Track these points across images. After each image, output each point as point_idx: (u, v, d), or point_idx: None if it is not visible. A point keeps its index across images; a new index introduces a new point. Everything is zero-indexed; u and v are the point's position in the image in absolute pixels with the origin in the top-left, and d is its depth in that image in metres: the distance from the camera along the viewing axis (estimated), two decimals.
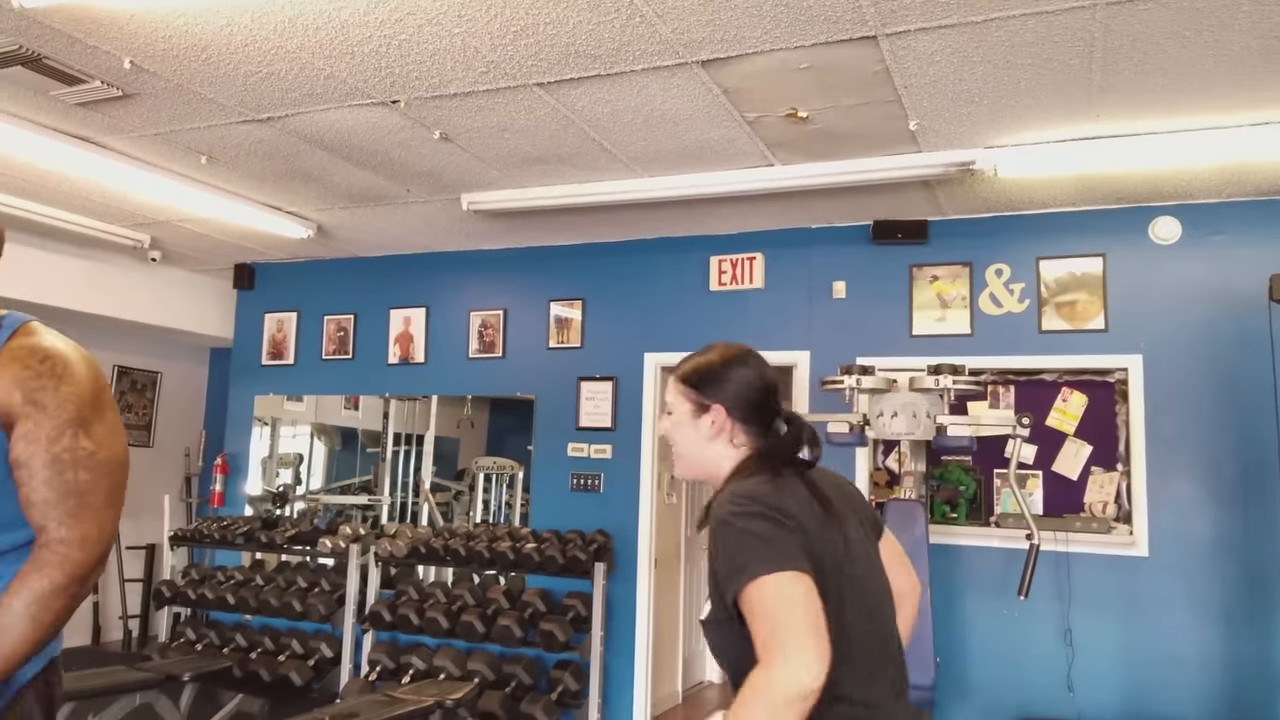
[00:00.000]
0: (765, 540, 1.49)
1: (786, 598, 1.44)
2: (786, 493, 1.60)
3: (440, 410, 6.67)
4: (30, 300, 6.09)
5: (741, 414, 1.73)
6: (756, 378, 1.76)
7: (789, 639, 1.40)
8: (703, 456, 1.75)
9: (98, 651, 7.04)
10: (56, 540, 1.52)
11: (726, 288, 5.58)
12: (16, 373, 1.56)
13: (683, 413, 1.77)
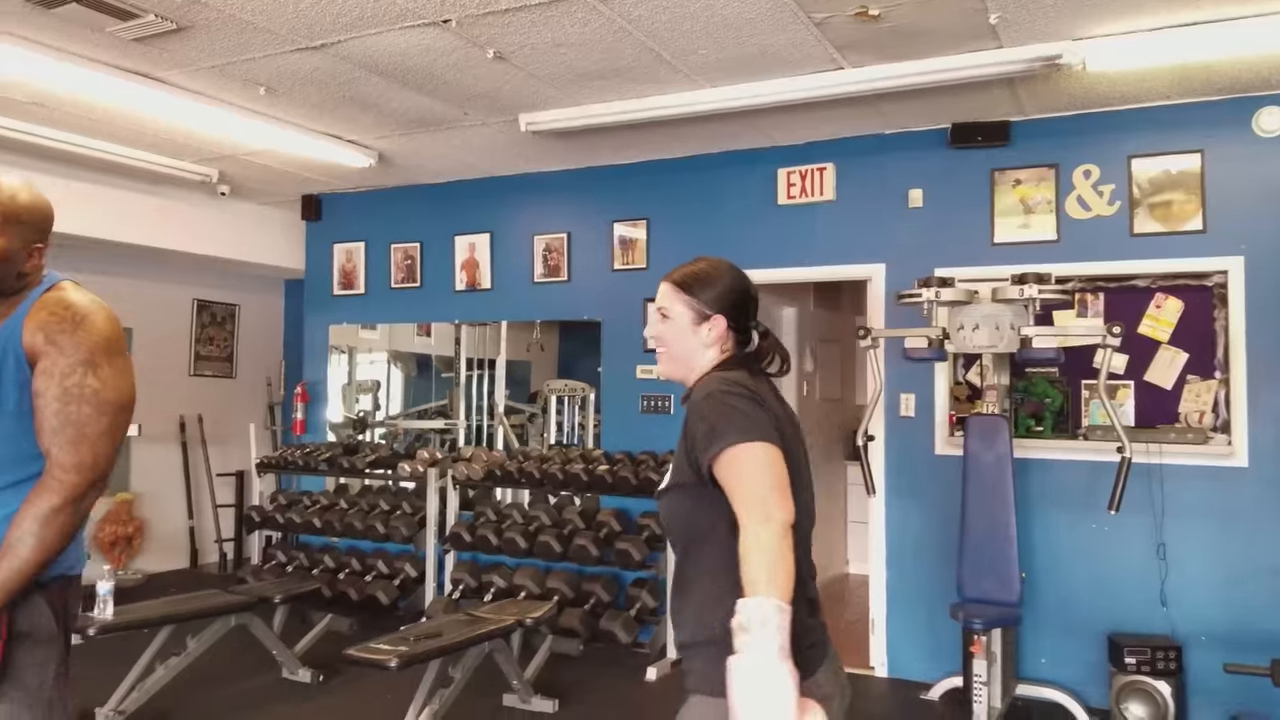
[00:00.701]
0: (747, 415, 1.66)
1: (765, 462, 1.62)
2: (765, 389, 1.80)
3: (510, 335, 6.67)
4: (108, 238, 6.23)
5: (735, 324, 1.87)
6: (748, 291, 1.91)
7: (769, 494, 1.58)
8: (693, 360, 1.87)
9: (195, 574, 7.37)
10: (56, 464, 1.75)
11: (796, 201, 5.40)
12: (42, 318, 1.80)
13: (683, 319, 1.87)
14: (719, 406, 1.68)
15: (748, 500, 1.59)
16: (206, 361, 7.84)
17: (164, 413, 7.44)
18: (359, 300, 6.93)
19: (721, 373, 1.80)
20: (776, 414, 1.74)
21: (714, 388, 1.72)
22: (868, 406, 4.73)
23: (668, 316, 1.88)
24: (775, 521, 1.55)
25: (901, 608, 5.07)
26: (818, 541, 6.61)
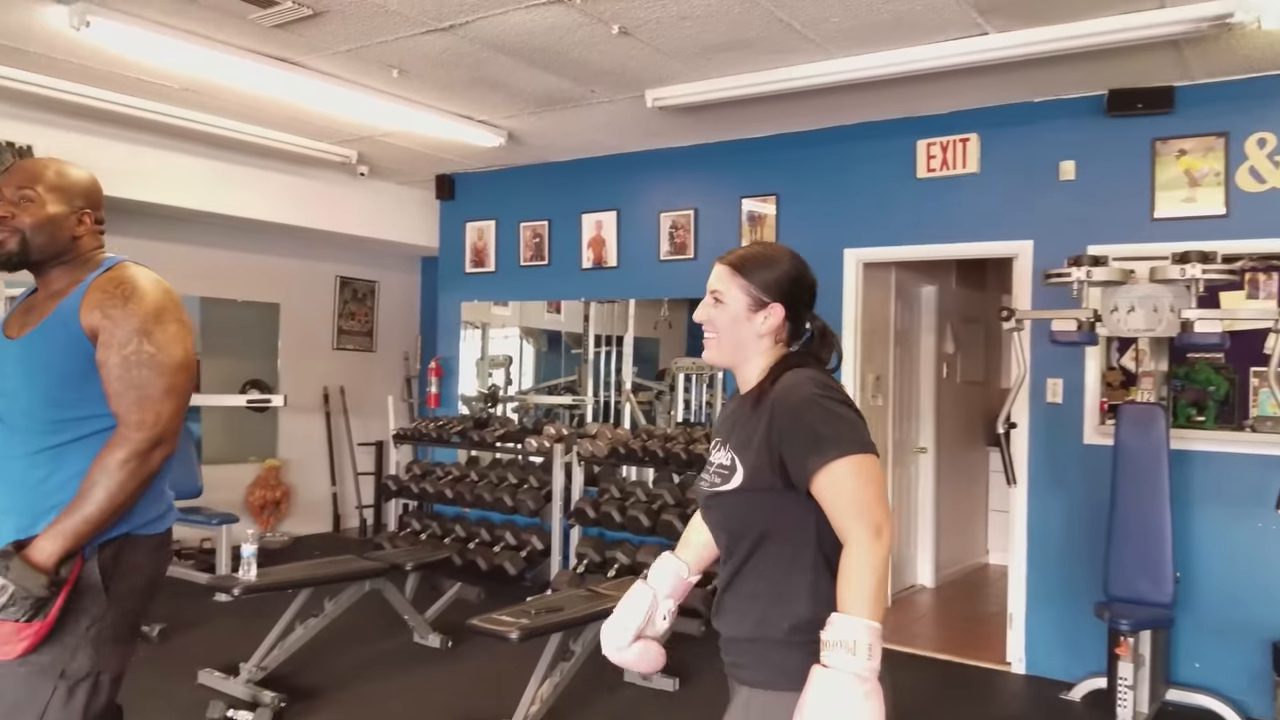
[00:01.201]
0: (853, 425, 1.62)
1: (873, 475, 1.60)
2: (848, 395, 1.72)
3: (638, 312, 6.66)
4: (257, 218, 6.54)
5: (791, 314, 1.77)
6: (808, 280, 1.81)
7: (879, 508, 1.57)
8: (747, 349, 1.77)
9: (337, 538, 7.71)
10: (123, 425, 1.89)
11: (936, 174, 5.15)
12: (97, 298, 1.94)
13: (739, 305, 1.77)
14: (823, 414, 1.62)
15: (860, 514, 1.57)
16: (348, 336, 8.15)
17: (309, 384, 7.78)
18: (490, 277, 7.04)
19: (807, 371, 1.71)
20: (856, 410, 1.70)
21: (809, 391, 1.64)
22: (1010, 391, 4.49)
23: (721, 300, 1.78)
24: (885, 537, 1.55)
25: (1042, 603, 4.81)
26: (956, 529, 6.40)
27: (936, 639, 5.38)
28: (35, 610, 1.79)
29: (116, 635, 1.95)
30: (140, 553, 1.97)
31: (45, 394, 1.92)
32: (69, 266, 2.03)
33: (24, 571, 1.78)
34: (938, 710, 4.33)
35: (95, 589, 1.90)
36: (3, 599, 1.77)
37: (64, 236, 2.01)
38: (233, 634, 4.88)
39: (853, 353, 5.42)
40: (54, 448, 1.92)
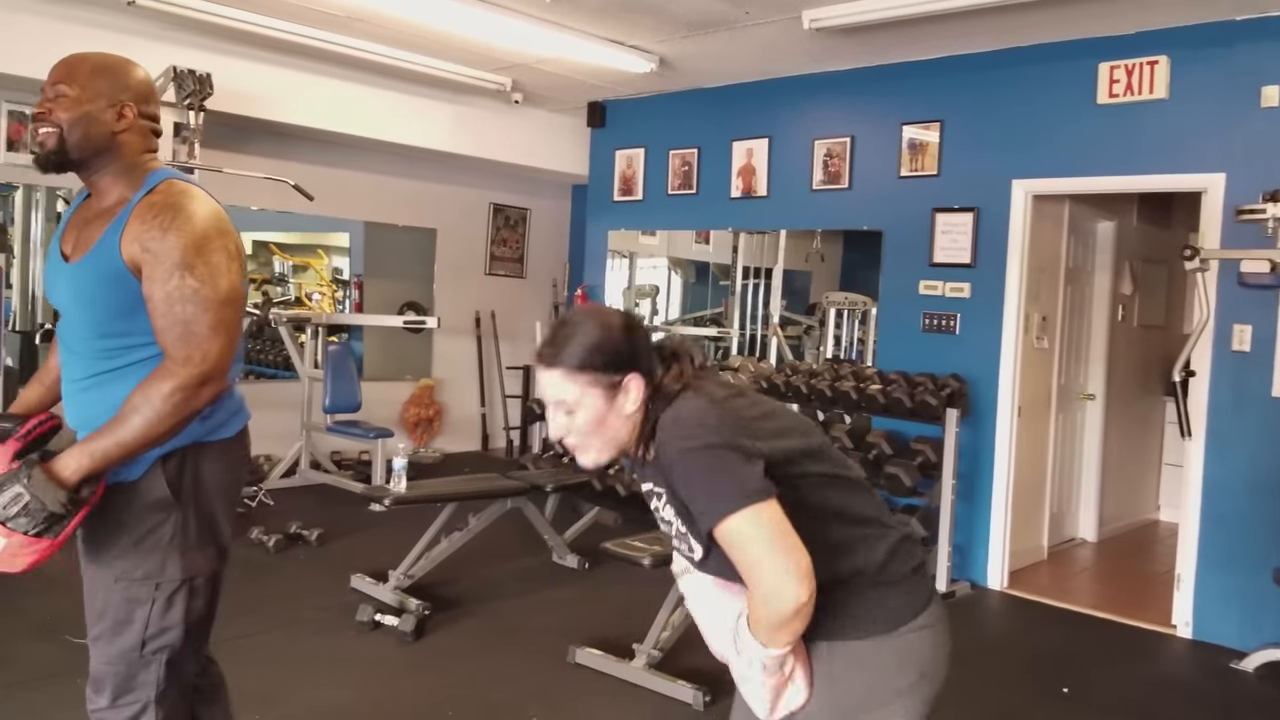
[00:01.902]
0: (730, 471, 1.45)
1: (759, 534, 1.43)
2: (733, 403, 1.55)
3: (789, 244, 6.50)
4: (415, 144, 6.72)
5: (648, 369, 1.57)
6: (639, 325, 1.61)
7: (772, 567, 1.42)
8: (622, 434, 1.58)
9: (484, 456, 7.98)
10: (169, 359, 1.79)
11: (1119, 100, 4.74)
12: (136, 229, 1.82)
13: (593, 403, 1.55)
14: (696, 471, 1.48)
15: (752, 576, 1.45)
16: (500, 262, 8.31)
17: (462, 308, 8.01)
18: (637, 206, 7.00)
19: (669, 416, 1.52)
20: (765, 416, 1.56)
21: (683, 447, 1.48)
22: (1190, 337, 4.14)
23: (574, 410, 1.56)
24: (785, 591, 1.42)
25: (1215, 565, 4.47)
26: (1123, 482, 6.02)
27: (1096, 596, 5.11)
28: (47, 526, 1.71)
29: (201, 541, 1.95)
30: (210, 459, 1.94)
31: (95, 323, 1.86)
32: (116, 173, 1.92)
33: (44, 483, 1.70)
34: (1095, 670, 4.13)
35: (166, 501, 1.88)
36: (15, 507, 1.69)
37: (102, 132, 1.90)
38: (383, 542, 5.13)
39: (1018, 291, 5.12)
40: (107, 372, 1.87)
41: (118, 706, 1.89)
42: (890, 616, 1.60)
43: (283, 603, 4.25)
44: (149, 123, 1.97)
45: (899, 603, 1.62)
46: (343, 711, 3.24)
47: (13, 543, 1.70)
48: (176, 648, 1.92)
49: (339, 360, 6.39)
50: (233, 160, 6.19)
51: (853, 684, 1.61)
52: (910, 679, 1.61)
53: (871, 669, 1.60)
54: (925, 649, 1.63)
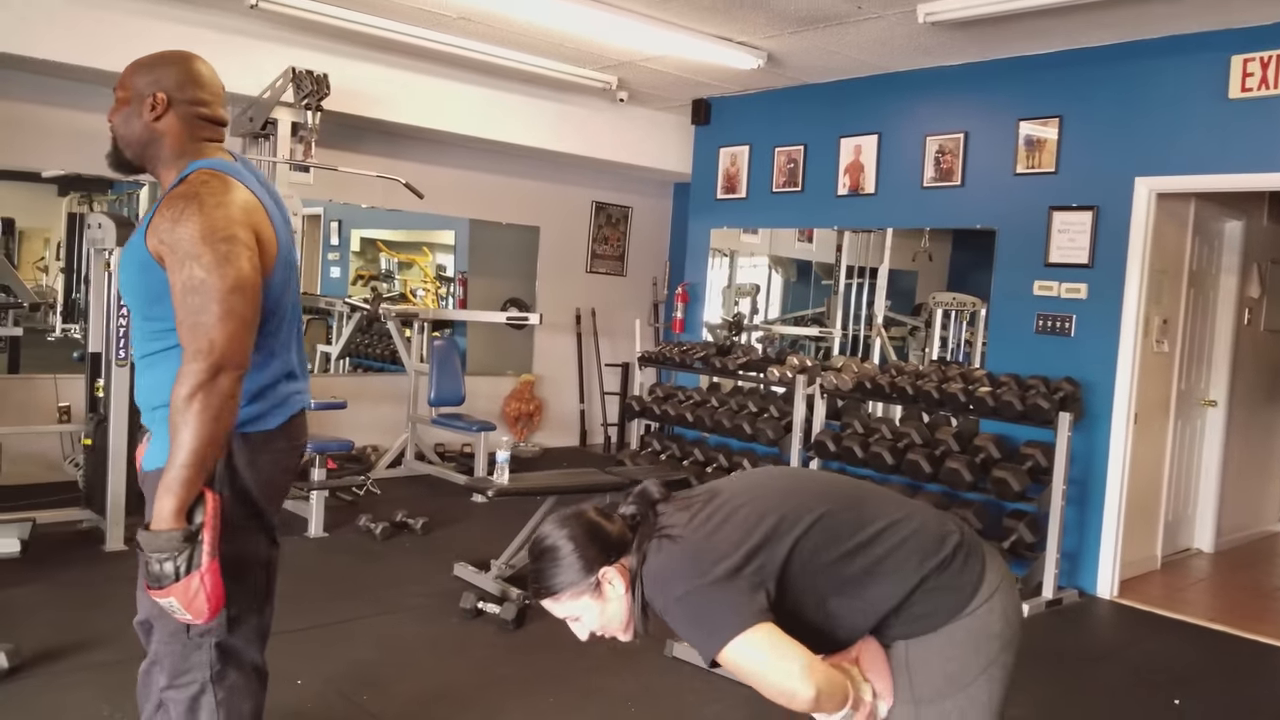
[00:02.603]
0: (717, 607, 1.55)
1: (756, 656, 1.54)
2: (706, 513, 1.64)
3: (895, 242, 6.38)
4: (520, 143, 6.84)
5: (619, 551, 1.65)
6: (593, 518, 1.67)
7: (780, 679, 1.54)
8: (629, 616, 1.67)
9: (583, 452, 8.07)
10: (185, 356, 1.80)
11: (1253, 94, 4.51)
12: (156, 222, 1.84)
13: (589, 607, 1.67)
14: (683, 618, 1.59)
15: (762, 690, 1.56)
16: (601, 260, 8.38)
17: (563, 305, 8.11)
18: (741, 204, 6.97)
19: (650, 575, 1.62)
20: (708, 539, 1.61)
21: (664, 598, 1.60)
22: None
23: (579, 619, 1.69)
24: (797, 694, 1.54)
25: None
26: (1245, 492, 5.77)
27: (1212, 608, 4.89)
28: (185, 563, 1.74)
29: (246, 526, 1.98)
30: (248, 449, 1.95)
31: (138, 307, 1.94)
32: (166, 164, 1.97)
33: (149, 540, 1.76)
34: (1209, 684, 3.95)
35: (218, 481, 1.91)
36: (155, 568, 1.75)
37: (138, 126, 1.94)
38: (484, 532, 5.24)
39: (1138, 293, 4.92)
40: (154, 354, 1.94)
41: (176, 686, 1.97)
42: (952, 603, 1.65)
43: (389, 588, 4.37)
44: (193, 108, 1.97)
45: (955, 586, 1.66)
46: (447, 695, 3.32)
47: (178, 598, 1.75)
48: (223, 630, 1.96)
49: (444, 355, 6.54)
50: (347, 159, 6.40)
51: (931, 675, 1.66)
52: (990, 653, 1.66)
53: (949, 657, 1.66)
54: (996, 620, 1.66)
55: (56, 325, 6.15)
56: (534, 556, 1.70)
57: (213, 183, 1.87)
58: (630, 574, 1.65)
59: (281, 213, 2.05)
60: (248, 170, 2.02)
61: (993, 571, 1.69)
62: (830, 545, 1.63)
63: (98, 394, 4.67)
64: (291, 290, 2.07)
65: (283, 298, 2.01)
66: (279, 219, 2.01)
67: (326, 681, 3.31)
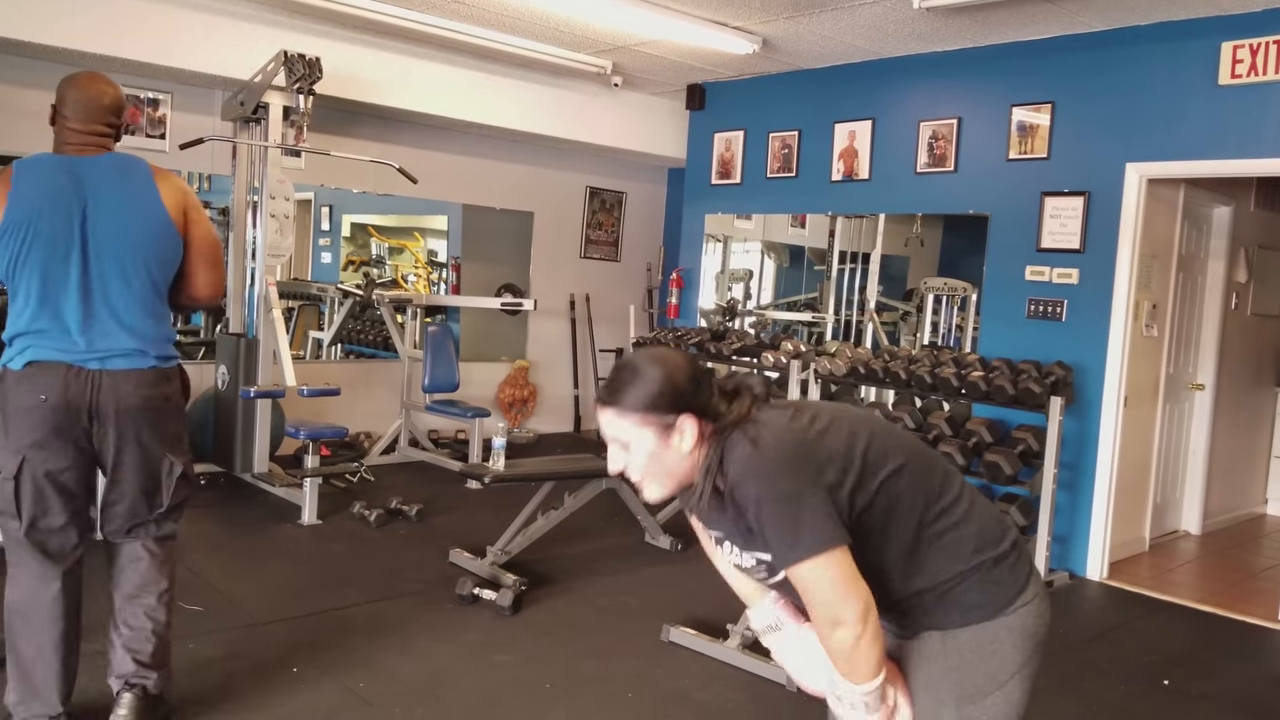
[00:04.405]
0: (800, 514, 1.51)
1: (828, 576, 1.51)
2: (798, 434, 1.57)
3: (888, 228, 6.40)
4: (514, 127, 6.81)
5: (701, 409, 1.59)
6: (696, 368, 1.62)
7: (835, 602, 1.52)
8: (682, 470, 1.62)
9: (577, 437, 8.09)
10: None
11: (1243, 80, 4.53)
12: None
13: (648, 443, 1.59)
14: (773, 514, 1.53)
15: (816, 611, 1.55)
16: (595, 245, 8.38)
17: (557, 290, 8.11)
18: (735, 190, 6.97)
19: (741, 453, 1.55)
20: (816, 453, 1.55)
21: (754, 489, 1.53)
22: None
23: (628, 445, 1.61)
24: (845, 626, 1.52)
25: None
26: (1231, 475, 5.84)
27: (1198, 589, 4.96)
28: None
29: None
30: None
31: None
32: None
33: None
34: (1197, 663, 4.01)
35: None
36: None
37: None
38: (479, 519, 5.26)
39: (1128, 278, 4.96)
40: None
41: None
42: (1000, 598, 1.63)
43: (384, 575, 4.39)
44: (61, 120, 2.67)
45: (1005, 581, 1.64)
46: (444, 682, 3.34)
47: None
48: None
49: (438, 341, 6.54)
50: (340, 144, 6.38)
51: (973, 673, 1.63)
52: (1026, 653, 1.64)
53: (990, 654, 1.63)
54: (1034, 621, 1.66)
55: None
56: (620, 367, 1.64)
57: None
58: (708, 442, 1.60)
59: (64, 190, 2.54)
60: (43, 163, 2.61)
61: (1037, 579, 1.70)
62: (911, 496, 1.60)
63: None
64: (35, 260, 2.51)
65: (15, 264, 2.51)
66: (27, 201, 2.50)
67: (322, 669, 3.33)
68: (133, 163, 2.67)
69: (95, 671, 2.95)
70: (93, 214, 2.54)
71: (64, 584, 2.61)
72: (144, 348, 2.60)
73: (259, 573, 4.35)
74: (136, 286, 2.59)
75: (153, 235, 2.60)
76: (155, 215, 2.60)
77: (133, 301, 2.58)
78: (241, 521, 5.13)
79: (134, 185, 2.61)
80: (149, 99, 5.84)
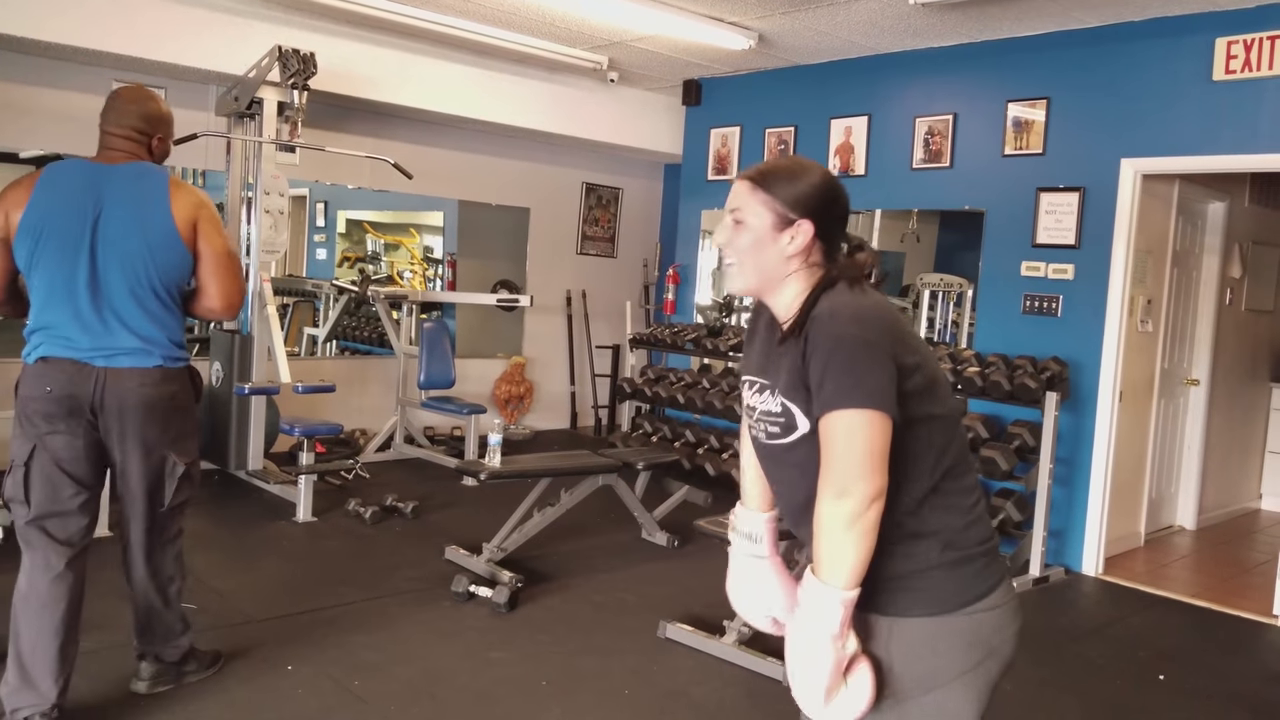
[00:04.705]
0: (869, 373, 1.46)
1: (865, 436, 1.44)
2: (883, 303, 1.57)
3: (884, 224, 6.39)
4: (511, 123, 6.80)
5: (824, 231, 1.58)
6: (842, 197, 1.62)
7: (854, 476, 1.44)
8: (775, 274, 1.59)
9: (573, 434, 8.09)
10: None
11: (1237, 76, 4.54)
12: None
13: (762, 224, 1.58)
14: (845, 358, 1.47)
15: (829, 473, 1.46)
16: (591, 241, 8.37)
17: (553, 287, 8.10)
18: (730, 186, 6.95)
19: (845, 298, 1.54)
20: (919, 348, 1.55)
21: (841, 329, 1.49)
22: None
23: (741, 221, 1.59)
24: (852, 499, 1.44)
25: None
26: (1225, 470, 5.86)
27: (1194, 584, 4.98)
28: None
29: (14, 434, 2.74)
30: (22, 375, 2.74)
31: None
32: None
33: None
34: (1193, 658, 4.02)
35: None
36: None
37: None
38: (475, 516, 5.25)
39: (1124, 273, 4.96)
40: None
41: None
42: (961, 594, 1.56)
43: (380, 573, 4.39)
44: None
45: (971, 579, 1.57)
46: (440, 680, 3.34)
47: None
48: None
49: (434, 337, 6.53)
50: (334, 140, 6.36)
51: (912, 665, 1.56)
52: (977, 658, 1.56)
53: (936, 650, 1.56)
54: (993, 628, 1.57)
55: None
56: (783, 156, 1.68)
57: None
58: (807, 268, 1.59)
59: (78, 195, 2.68)
60: (68, 168, 2.76)
61: (1006, 591, 1.61)
62: (940, 440, 1.57)
63: None
64: (48, 259, 2.66)
65: (31, 262, 2.66)
66: (44, 206, 2.65)
67: (317, 667, 3.32)
68: (151, 172, 2.77)
69: (90, 672, 2.94)
70: (103, 219, 2.67)
71: (66, 571, 2.69)
72: (148, 348, 2.71)
73: (253, 570, 4.34)
74: (140, 291, 2.69)
75: (154, 244, 2.70)
76: (160, 224, 2.70)
77: (136, 304, 2.69)
78: (236, 519, 5.12)
79: (145, 194, 2.71)
80: None
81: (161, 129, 2.84)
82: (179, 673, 3.04)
